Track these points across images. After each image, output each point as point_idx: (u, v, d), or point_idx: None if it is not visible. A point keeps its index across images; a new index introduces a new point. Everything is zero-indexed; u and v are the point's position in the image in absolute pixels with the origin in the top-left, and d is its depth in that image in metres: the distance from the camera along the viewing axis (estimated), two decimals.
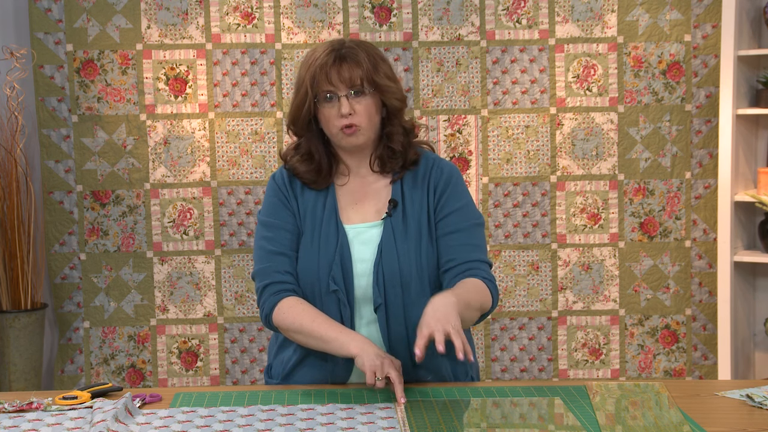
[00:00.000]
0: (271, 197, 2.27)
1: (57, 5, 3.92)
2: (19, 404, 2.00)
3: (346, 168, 2.27)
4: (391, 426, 1.85)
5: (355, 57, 2.16)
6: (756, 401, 1.99)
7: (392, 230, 2.19)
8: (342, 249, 2.18)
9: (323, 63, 2.15)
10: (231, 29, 3.94)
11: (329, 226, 2.20)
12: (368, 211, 2.24)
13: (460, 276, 2.15)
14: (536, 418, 1.93)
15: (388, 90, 2.18)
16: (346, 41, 2.21)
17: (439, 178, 2.24)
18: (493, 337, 4.02)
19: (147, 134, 3.95)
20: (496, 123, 3.97)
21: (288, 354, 2.26)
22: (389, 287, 2.16)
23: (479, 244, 2.21)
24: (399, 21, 3.94)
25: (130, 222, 3.98)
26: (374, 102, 2.18)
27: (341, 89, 2.15)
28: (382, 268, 2.16)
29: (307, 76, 2.16)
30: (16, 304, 3.92)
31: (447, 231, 2.20)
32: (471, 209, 2.24)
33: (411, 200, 2.22)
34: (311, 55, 2.19)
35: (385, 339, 2.17)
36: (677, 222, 4.01)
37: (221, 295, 3.99)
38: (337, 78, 2.14)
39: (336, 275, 2.16)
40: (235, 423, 1.88)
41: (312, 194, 2.25)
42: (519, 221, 3.99)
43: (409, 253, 2.17)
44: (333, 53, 2.16)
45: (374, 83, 2.16)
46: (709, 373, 4.02)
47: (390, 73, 2.21)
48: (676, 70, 3.97)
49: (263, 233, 2.24)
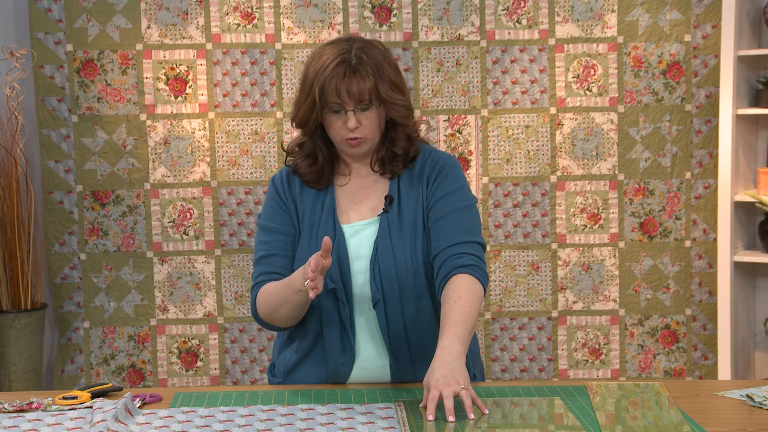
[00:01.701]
0: (270, 201, 2.28)
1: (57, 5, 3.92)
2: (19, 404, 2.00)
3: (347, 168, 2.27)
4: (391, 426, 1.85)
5: (364, 69, 2.13)
6: (756, 401, 1.99)
7: (388, 226, 2.19)
8: (339, 247, 2.18)
9: (332, 75, 2.12)
10: (231, 29, 3.94)
11: (326, 225, 2.21)
12: (365, 208, 2.24)
13: (446, 264, 2.13)
14: (536, 418, 1.93)
15: (394, 103, 2.16)
16: (354, 43, 2.17)
17: (432, 168, 2.24)
18: (493, 337, 4.02)
19: (147, 134, 3.95)
20: (496, 123, 3.97)
21: (289, 353, 2.27)
22: (386, 283, 2.16)
23: (468, 224, 2.19)
24: (399, 21, 3.94)
25: (130, 222, 3.98)
26: (380, 114, 2.18)
27: (349, 104, 2.14)
28: (378, 264, 2.17)
29: (316, 84, 2.14)
30: (16, 304, 3.92)
31: (437, 216, 2.19)
32: (462, 193, 2.22)
33: (407, 195, 2.22)
34: (319, 58, 2.16)
35: (385, 334, 2.18)
36: (677, 222, 4.01)
37: (221, 295, 3.99)
38: (345, 94, 2.12)
39: (333, 274, 2.16)
40: (235, 423, 1.88)
41: (311, 194, 2.26)
42: (519, 221, 3.99)
43: (404, 248, 2.18)
44: (343, 65, 2.13)
45: (381, 98, 2.15)
46: (709, 373, 4.02)
47: (398, 81, 2.19)
48: (676, 70, 3.97)
49: (260, 238, 2.26)
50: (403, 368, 2.18)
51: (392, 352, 2.18)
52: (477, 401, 1.89)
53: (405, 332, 2.18)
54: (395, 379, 2.20)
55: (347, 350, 2.18)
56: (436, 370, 1.92)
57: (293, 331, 2.27)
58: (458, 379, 1.90)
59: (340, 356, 2.18)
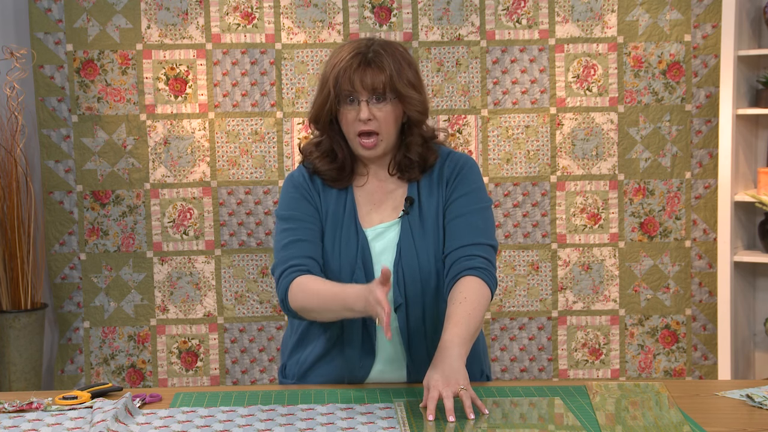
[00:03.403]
0: (291, 192, 2.22)
1: (57, 5, 3.92)
2: (19, 404, 2.00)
3: (365, 169, 2.25)
4: (391, 426, 1.85)
5: (380, 62, 2.12)
6: (756, 401, 1.99)
7: (410, 229, 2.19)
8: (363, 252, 2.17)
9: (347, 65, 2.12)
10: (231, 29, 3.94)
11: (349, 229, 2.19)
12: (386, 210, 2.23)
13: (456, 265, 2.13)
14: (536, 418, 1.93)
15: (410, 100, 2.15)
16: (375, 42, 2.17)
17: (452, 170, 2.23)
18: (493, 337, 4.02)
19: (147, 134, 3.95)
20: (496, 123, 3.97)
21: (305, 353, 2.25)
22: (409, 285, 2.16)
23: (481, 226, 2.18)
24: (399, 21, 3.94)
25: (130, 222, 3.98)
26: (395, 110, 2.15)
27: (363, 94, 2.12)
28: (402, 267, 2.16)
29: (331, 76, 2.14)
30: (16, 304, 3.92)
31: (451, 217, 2.19)
32: (478, 194, 2.21)
33: (428, 197, 2.21)
34: (337, 54, 2.17)
35: (404, 335, 2.17)
36: (677, 222, 4.01)
37: (221, 295, 3.99)
38: (359, 83, 2.11)
39: (359, 279, 2.15)
40: (235, 423, 1.88)
41: (333, 194, 2.23)
42: (519, 221, 3.99)
43: (428, 249, 2.17)
44: (359, 56, 2.13)
45: (396, 91, 2.13)
46: (709, 373, 4.02)
47: (415, 81, 2.17)
48: (676, 70, 3.97)
49: (282, 226, 2.20)
50: (421, 369, 2.15)
51: (411, 353, 2.17)
52: (476, 401, 1.89)
53: (425, 333, 2.18)
54: (411, 379, 2.19)
55: (367, 352, 2.17)
56: (436, 371, 1.93)
57: (308, 333, 2.25)
58: (458, 379, 1.90)
59: (360, 359, 2.17)
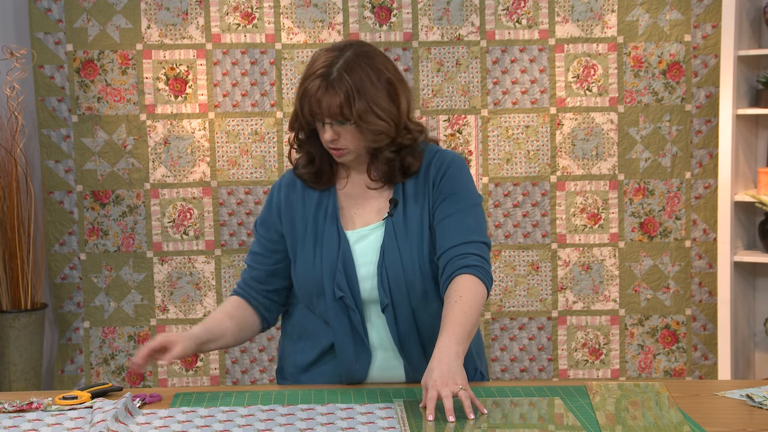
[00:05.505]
0: (265, 209, 2.29)
1: (57, 5, 3.92)
2: (19, 404, 2.00)
3: (346, 171, 2.25)
4: (391, 426, 1.85)
5: (339, 85, 2.08)
6: (756, 401, 1.99)
7: (393, 230, 2.17)
8: (344, 255, 2.16)
9: (311, 87, 2.10)
10: (231, 29, 3.94)
11: (330, 232, 2.18)
12: (370, 213, 2.22)
13: (450, 264, 2.11)
14: (536, 418, 1.93)
15: (366, 124, 2.09)
16: (343, 57, 2.11)
17: (437, 170, 2.20)
18: (493, 337, 4.02)
19: (147, 134, 3.95)
20: (496, 123, 3.97)
21: (302, 354, 2.25)
22: (394, 287, 2.15)
23: (473, 224, 2.16)
24: (399, 21, 3.94)
25: (130, 222, 3.98)
26: (359, 128, 2.11)
27: (326, 116, 2.10)
28: (386, 269, 2.15)
29: (299, 95, 2.13)
30: (16, 304, 3.92)
31: (442, 216, 2.17)
32: (467, 192, 2.19)
33: (413, 197, 2.20)
34: (312, 63, 2.14)
35: (395, 338, 2.17)
36: (677, 222, 4.01)
37: (221, 295, 3.99)
38: (319, 106, 2.09)
39: (340, 282, 2.15)
40: (235, 423, 1.88)
41: (314, 198, 2.23)
42: (519, 221, 3.99)
43: (411, 251, 2.16)
44: (321, 78, 2.09)
45: (351, 116, 2.09)
46: (709, 373, 4.02)
47: (381, 101, 2.11)
48: (676, 70, 3.97)
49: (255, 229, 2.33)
50: (418, 369, 2.15)
51: (404, 354, 2.17)
52: (475, 401, 1.89)
53: (417, 334, 2.17)
54: (410, 379, 2.19)
55: (362, 355, 2.17)
56: (434, 371, 1.92)
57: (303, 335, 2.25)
58: (456, 379, 1.90)
59: (355, 362, 2.17)
